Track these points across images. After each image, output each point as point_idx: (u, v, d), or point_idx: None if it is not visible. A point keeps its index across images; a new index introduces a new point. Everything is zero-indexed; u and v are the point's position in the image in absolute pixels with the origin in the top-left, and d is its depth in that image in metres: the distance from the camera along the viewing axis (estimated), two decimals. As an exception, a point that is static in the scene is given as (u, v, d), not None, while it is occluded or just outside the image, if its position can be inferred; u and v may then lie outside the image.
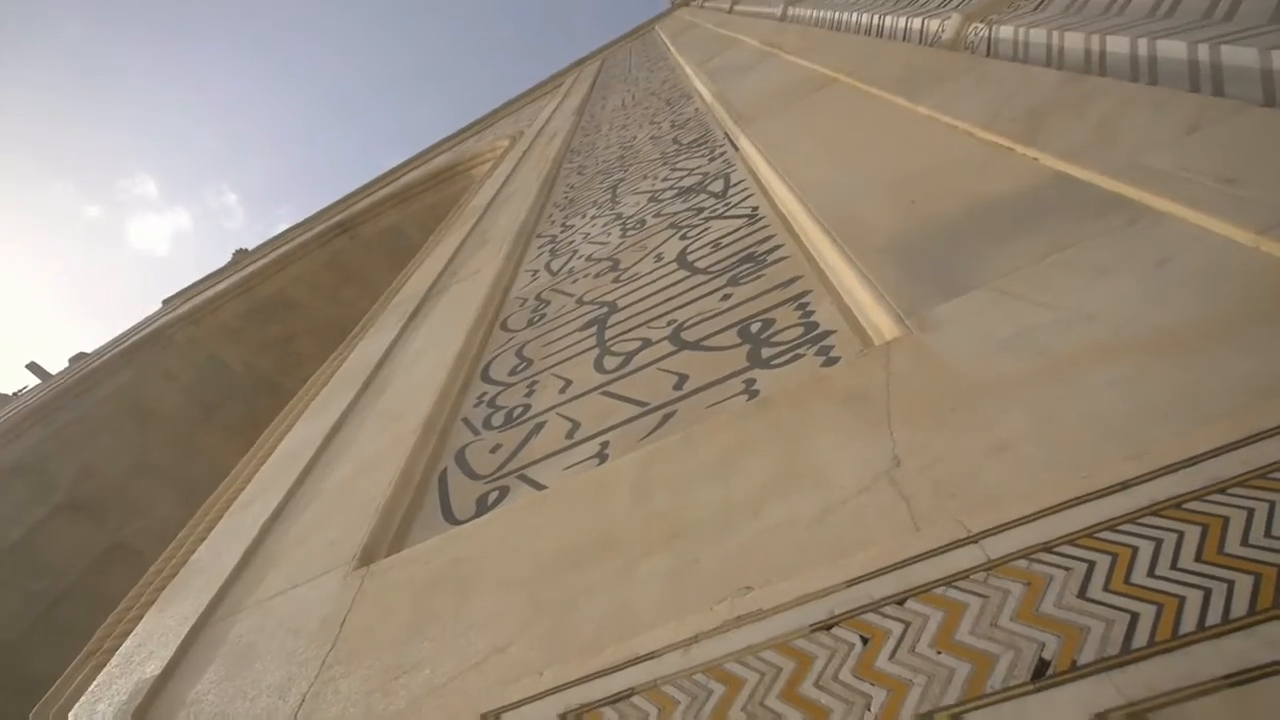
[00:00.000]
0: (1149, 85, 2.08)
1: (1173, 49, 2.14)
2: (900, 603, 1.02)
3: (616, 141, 6.23)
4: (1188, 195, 1.48)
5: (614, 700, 1.13)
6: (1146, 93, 1.99)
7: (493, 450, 2.33)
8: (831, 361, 1.81)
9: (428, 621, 1.58)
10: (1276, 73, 1.79)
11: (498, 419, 2.52)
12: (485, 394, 2.77)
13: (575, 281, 3.42)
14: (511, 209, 5.57)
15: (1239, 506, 0.90)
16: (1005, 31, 3.05)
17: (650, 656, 1.17)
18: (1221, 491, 0.93)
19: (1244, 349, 1.12)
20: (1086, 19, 2.67)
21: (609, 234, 3.83)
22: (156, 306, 19.57)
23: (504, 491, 2.07)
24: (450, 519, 2.09)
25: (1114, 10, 2.62)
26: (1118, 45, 2.37)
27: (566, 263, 3.77)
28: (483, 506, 2.05)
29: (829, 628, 1.04)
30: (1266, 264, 1.26)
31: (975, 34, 3.29)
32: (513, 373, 2.82)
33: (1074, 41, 2.59)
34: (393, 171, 18.65)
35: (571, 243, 4.08)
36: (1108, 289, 1.40)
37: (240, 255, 20.12)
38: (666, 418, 1.97)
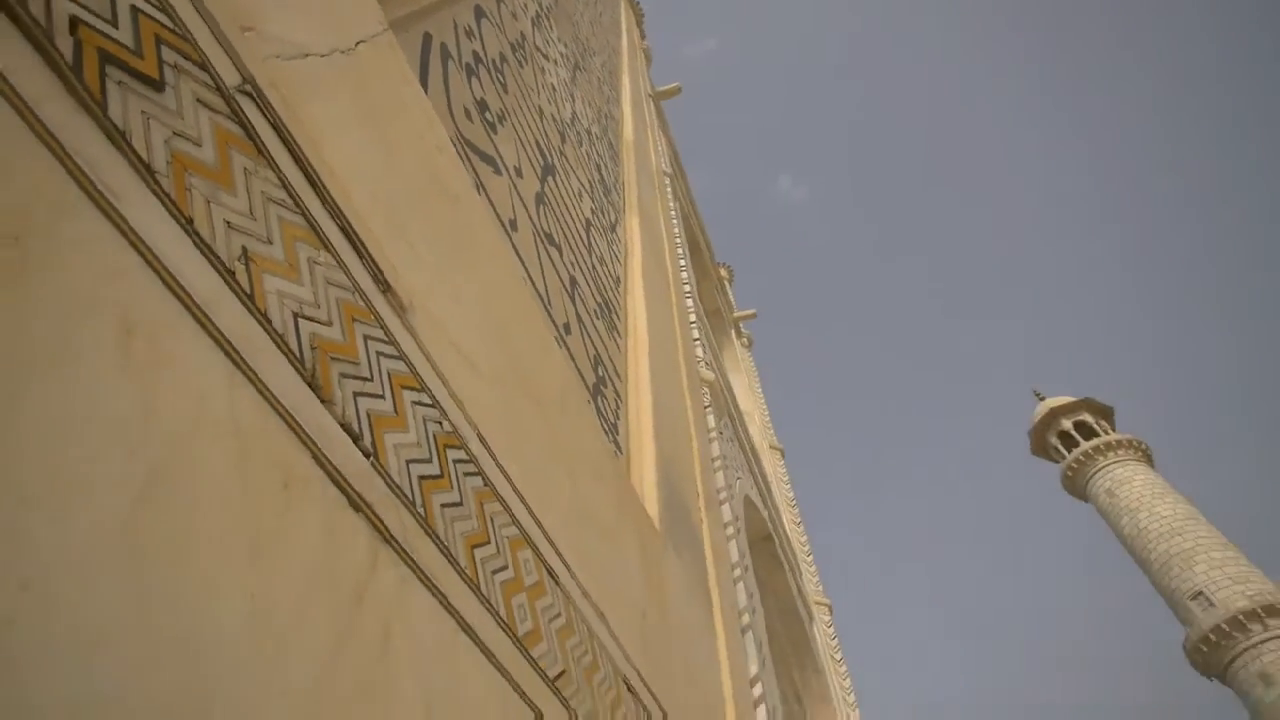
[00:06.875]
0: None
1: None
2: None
3: (562, 87, 5.92)
4: None
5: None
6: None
7: (476, 96, 1.90)
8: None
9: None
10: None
11: (481, 71, 2.07)
12: (472, 29, 2.23)
13: (536, 92, 3.10)
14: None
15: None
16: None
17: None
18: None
19: None
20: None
21: (550, 125, 3.61)
22: None
23: (469, 161, 1.71)
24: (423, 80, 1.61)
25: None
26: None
27: (521, 72, 3.37)
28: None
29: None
30: None
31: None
32: (488, 59, 2.36)
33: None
34: None
35: (524, 65, 3.67)
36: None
37: None
38: (566, 330, 1.99)
